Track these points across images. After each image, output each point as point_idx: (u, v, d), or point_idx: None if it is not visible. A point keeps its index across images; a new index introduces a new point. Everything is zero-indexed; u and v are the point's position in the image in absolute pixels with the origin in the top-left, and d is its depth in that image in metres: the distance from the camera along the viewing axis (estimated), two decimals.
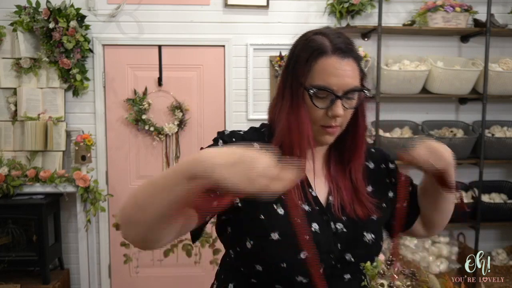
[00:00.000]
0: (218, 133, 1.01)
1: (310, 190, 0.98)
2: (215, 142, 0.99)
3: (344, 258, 0.95)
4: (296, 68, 0.94)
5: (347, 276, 0.97)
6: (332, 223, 0.96)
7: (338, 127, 0.95)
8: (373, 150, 1.13)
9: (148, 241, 0.79)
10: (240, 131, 1.03)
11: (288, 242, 0.91)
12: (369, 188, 1.04)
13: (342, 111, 0.92)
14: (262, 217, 0.92)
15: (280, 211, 0.93)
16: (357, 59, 0.95)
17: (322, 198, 0.99)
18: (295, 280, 0.92)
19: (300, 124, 0.93)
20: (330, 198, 0.99)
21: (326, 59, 0.91)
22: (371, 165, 1.09)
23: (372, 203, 1.00)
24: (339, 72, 0.90)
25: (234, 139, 0.98)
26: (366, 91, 0.95)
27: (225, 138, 0.98)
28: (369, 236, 0.98)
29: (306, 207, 0.96)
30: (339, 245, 0.95)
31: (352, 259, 0.95)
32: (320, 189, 1.00)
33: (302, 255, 0.90)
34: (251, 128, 1.06)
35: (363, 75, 0.96)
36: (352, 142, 1.01)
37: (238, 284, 1.00)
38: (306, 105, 0.93)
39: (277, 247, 0.91)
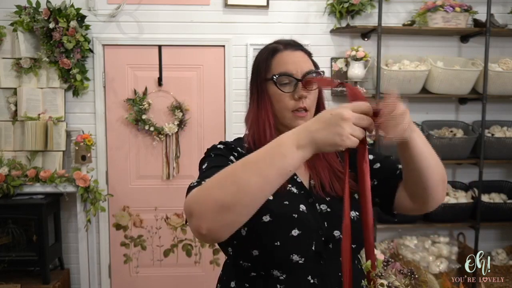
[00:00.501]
0: (209, 149, 1.09)
1: (295, 176, 1.07)
2: (216, 149, 1.08)
3: (333, 235, 1.01)
4: (259, 70, 1.11)
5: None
6: (317, 205, 1.04)
7: (307, 111, 1.06)
8: None
9: (236, 224, 0.84)
10: (228, 141, 1.15)
11: (280, 222, 0.99)
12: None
13: (306, 92, 1.05)
14: None
15: (270, 196, 0.96)
16: (308, 53, 1.12)
17: (305, 183, 1.08)
18: (291, 260, 0.98)
19: (266, 114, 1.07)
20: (312, 182, 1.08)
21: (281, 54, 1.09)
22: None
23: (351, 177, 1.00)
24: (293, 60, 1.08)
25: (232, 145, 1.09)
26: (322, 73, 1.10)
27: (224, 143, 1.10)
28: (353, 214, 1.03)
29: (294, 190, 1.04)
30: (325, 223, 1.02)
31: (341, 236, 0.96)
32: (302, 176, 1.09)
33: (294, 233, 0.98)
34: (237, 138, 1.18)
35: (316, 66, 1.12)
36: None
37: (239, 281, 1.05)
38: (272, 96, 1.07)
39: (270, 227, 0.98)
